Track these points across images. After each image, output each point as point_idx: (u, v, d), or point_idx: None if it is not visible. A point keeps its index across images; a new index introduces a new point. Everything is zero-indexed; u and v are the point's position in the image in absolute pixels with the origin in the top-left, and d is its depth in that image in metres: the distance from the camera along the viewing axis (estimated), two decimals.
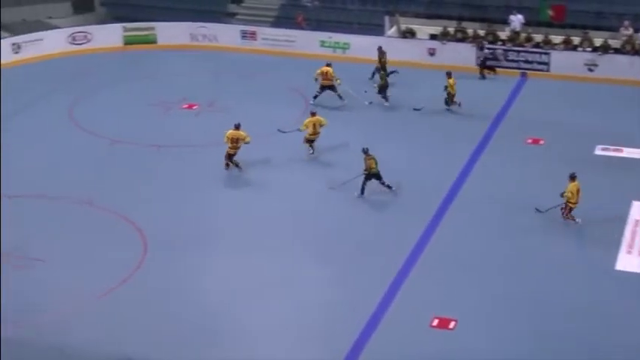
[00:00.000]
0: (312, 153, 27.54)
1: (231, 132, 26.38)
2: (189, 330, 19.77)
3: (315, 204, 25.02)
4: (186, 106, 31.66)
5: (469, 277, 21.56)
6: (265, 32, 37.31)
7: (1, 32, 38.72)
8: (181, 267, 22.14)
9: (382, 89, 31.48)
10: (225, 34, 37.38)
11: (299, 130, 27.48)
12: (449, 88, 30.73)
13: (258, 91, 33.12)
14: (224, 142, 26.36)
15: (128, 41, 37.37)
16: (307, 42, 36.40)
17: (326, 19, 38.19)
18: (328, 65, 31.36)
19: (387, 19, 36.97)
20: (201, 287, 21.36)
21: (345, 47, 36.31)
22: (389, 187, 25.19)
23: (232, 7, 39.94)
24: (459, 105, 30.72)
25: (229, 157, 26.49)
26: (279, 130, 28.13)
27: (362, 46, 35.74)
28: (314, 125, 27.26)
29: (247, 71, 34.87)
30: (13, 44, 35.72)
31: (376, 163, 24.98)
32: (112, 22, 39.08)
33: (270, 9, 39.33)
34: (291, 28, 37.28)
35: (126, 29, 37.52)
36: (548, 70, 34.33)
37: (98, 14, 41.51)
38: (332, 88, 31.12)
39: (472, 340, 19.33)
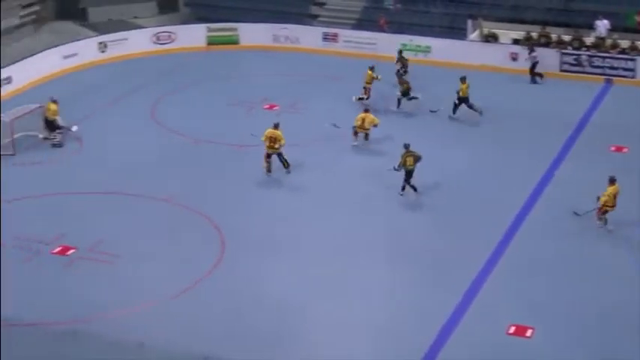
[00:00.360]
0: (356, 144, 28.15)
1: (269, 131, 26.34)
2: (265, 330, 19.84)
3: (388, 210, 24.88)
4: (267, 106, 31.86)
5: (546, 286, 21.25)
6: (347, 34, 37.34)
7: (88, 31, 39.54)
8: (258, 267, 22.24)
9: (405, 94, 31.16)
10: (307, 36, 37.52)
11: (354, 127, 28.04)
12: (460, 93, 30.27)
13: (339, 93, 33.08)
14: (262, 140, 26.33)
15: (211, 41, 37.76)
16: (388, 45, 36.28)
17: (408, 21, 38.07)
18: (371, 69, 31.36)
19: (469, 22, 36.70)
20: (278, 288, 21.40)
21: (426, 50, 36.14)
22: (414, 188, 25.05)
23: (314, 9, 40.09)
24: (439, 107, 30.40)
25: (268, 156, 26.40)
26: (333, 124, 28.56)
27: (443, 50, 35.54)
28: (363, 120, 27.91)
29: (328, 73, 34.93)
30: (100, 43, 36.37)
31: (415, 161, 24.86)
32: (196, 23, 39.57)
33: (352, 11, 39.37)
34: (372, 30, 37.24)
35: (209, 30, 37.93)
36: (633, 77, 33.68)
37: (182, 14, 42.08)
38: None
39: (550, 349, 19.04)
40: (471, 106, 30.26)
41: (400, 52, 33.99)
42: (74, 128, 28.92)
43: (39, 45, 36.87)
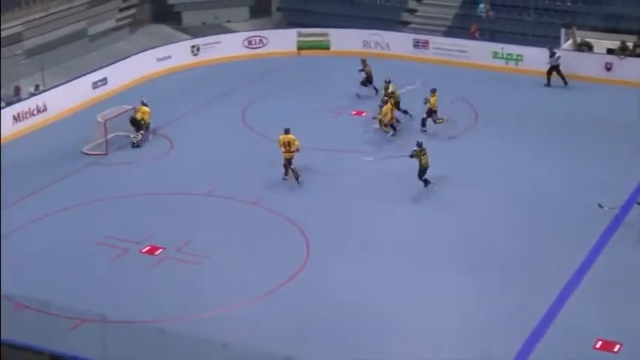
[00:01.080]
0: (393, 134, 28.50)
1: (282, 136, 26.52)
2: (346, 335, 19.89)
3: (472, 218, 24.70)
4: (355, 112, 31.88)
5: (636, 300, 20.79)
6: (437, 41, 37.13)
7: (182, 35, 40.19)
8: (342, 272, 22.29)
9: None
10: (398, 42, 37.43)
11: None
12: (428, 105, 29.73)
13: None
14: (278, 147, 26.54)
15: (302, 46, 37.97)
16: (479, 53, 36.00)
17: (500, 29, 37.69)
18: (387, 82, 30.90)
19: (563, 31, 36.13)
20: (362, 294, 21.42)
21: (517, 59, 35.69)
22: (426, 182, 25.85)
23: (406, 16, 39.98)
24: (411, 115, 30.18)
25: (288, 162, 26.54)
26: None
27: (536, 59, 35.01)
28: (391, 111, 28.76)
29: (418, 79, 34.69)
30: (193, 46, 36.90)
31: (427, 159, 25.71)
32: (287, 28, 39.84)
33: (443, 18, 39.15)
34: (463, 38, 36.99)
35: (300, 34, 38.13)
36: None
37: (274, 19, 42.43)
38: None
39: None
40: (434, 120, 29.74)
41: (364, 60, 33.44)
42: (150, 137, 29.45)
43: (134, 47, 37.64)
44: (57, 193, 26.29)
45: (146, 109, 29.34)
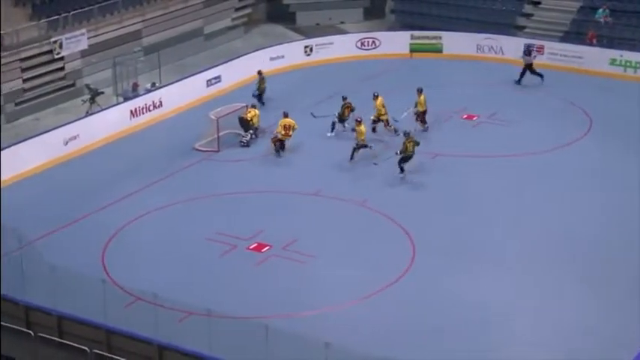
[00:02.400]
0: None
1: (284, 120, 28.51)
2: (452, 339, 19.79)
3: (593, 228, 24.24)
4: (465, 116, 31.64)
5: None
6: (553, 47, 36.49)
7: (295, 35, 40.56)
8: (447, 275, 22.17)
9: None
10: (512, 47, 36.90)
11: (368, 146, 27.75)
12: (418, 106, 29.02)
13: (541, 105, 32.53)
14: (277, 130, 28.50)
15: (414, 49, 37.85)
16: (596, 59, 35.26)
17: (618, 36, 36.82)
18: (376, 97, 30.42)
19: None
20: (466, 297, 21.28)
21: (636, 67, 34.80)
22: (402, 169, 26.74)
23: (521, 20, 39.45)
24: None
25: (280, 142, 28.17)
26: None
27: None
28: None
29: (531, 85, 34.27)
30: (306, 46, 37.20)
31: (414, 147, 26.60)
32: (400, 30, 39.78)
33: (560, 23, 38.46)
34: (580, 44, 36.25)
35: (413, 37, 38.02)
36: None
37: (387, 21, 42.41)
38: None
39: None
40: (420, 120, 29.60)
41: (260, 72, 32.79)
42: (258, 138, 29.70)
43: (248, 46, 38.16)
44: (169, 188, 26.87)
45: (256, 111, 29.71)
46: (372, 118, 29.82)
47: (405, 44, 37.92)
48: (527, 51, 34.26)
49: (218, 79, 34.03)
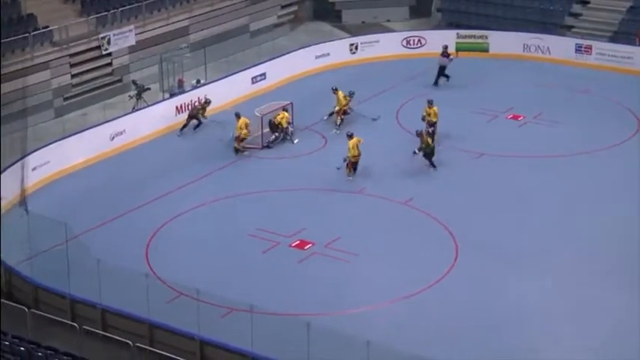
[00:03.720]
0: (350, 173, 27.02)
1: (243, 120, 28.35)
2: (493, 340, 19.70)
3: (633, 228, 23.96)
4: (511, 116, 31.42)
5: None
6: (602, 47, 36.10)
7: (341, 32, 40.54)
8: (490, 276, 22.06)
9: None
10: (559, 47, 36.61)
11: (345, 160, 26.93)
12: (427, 118, 28.64)
13: (588, 107, 32.23)
14: (239, 130, 28.20)
15: (460, 48, 37.61)
16: None
17: None
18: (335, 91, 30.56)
19: None
20: (508, 300, 21.16)
21: None
22: (432, 164, 27.12)
23: (569, 20, 39.08)
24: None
25: (241, 141, 28.14)
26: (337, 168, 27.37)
27: None
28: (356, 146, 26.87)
29: (578, 86, 33.96)
30: (351, 44, 37.16)
31: (433, 141, 27.30)
32: (447, 29, 39.59)
33: (609, 23, 38.03)
34: (630, 44, 35.82)
35: (459, 36, 37.80)
36: None
37: (433, 19, 42.23)
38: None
39: None
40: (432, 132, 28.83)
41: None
42: (295, 141, 29.50)
43: (293, 44, 38.22)
44: (212, 184, 27.02)
45: (286, 114, 29.58)
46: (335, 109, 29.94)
47: (451, 43, 37.64)
48: (445, 53, 33.88)
49: (263, 76, 34.12)
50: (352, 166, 26.99)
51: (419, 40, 37.70)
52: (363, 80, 34.75)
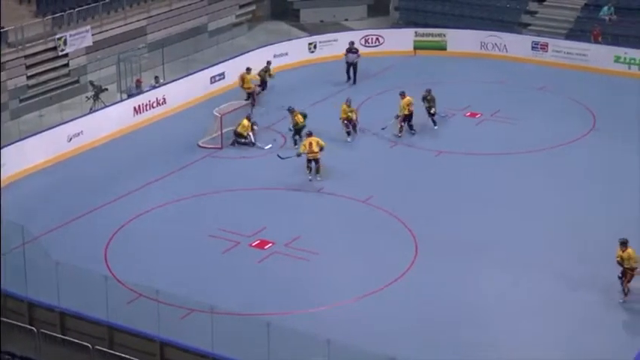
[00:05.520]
0: (311, 174, 26.91)
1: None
2: (453, 336, 19.82)
3: (589, 224, 24.23)
4: (469, 114, 31.63)
5: None
6: (557, 44, 36.46)
7: (299, 32, 40.57)
8: (450, 274, 22.19)
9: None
10: (516, 45, 36.92)
11: (298, 155, 26.93)
12: (403, 110, 29.00)
13: (545, 104, 32.52)
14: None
15: (418, 46, 37.83)
16: (600, 57, 35.24)
17: (623, 34, 36.79)
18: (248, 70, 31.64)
19: None
20: (468, 296, 21.31)
21: None
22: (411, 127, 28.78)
23: (526, 18, 39.41)
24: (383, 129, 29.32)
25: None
26: (278, 155, 27.72)
27: None
28: (311, 144, 26.66)
29: (535, 83, 34.28)
30: (310, 44, 37.19)
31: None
32: (404, 27, 39.76)
33: (565, 21, 38.43)
34: (584, 41, 36.21)
35: (417, 34, 37.99)
36: None
37: (391, 18, 42.39)
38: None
39: None
40: (401, 122, 29.34)
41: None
42: (267, 147, 29.29)
43: (252, 43, 38.18)
44: (172, 184, 26.92)
45: (245, 122, 29.40)
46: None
47: (409, 41, 37.89)
48: (353, 49, 34.19)
49: (222, 75, 34.04)
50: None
51: (377, 39, 37.83)
52: (322, 79, 34.79)
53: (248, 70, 32.32)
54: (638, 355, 19.07)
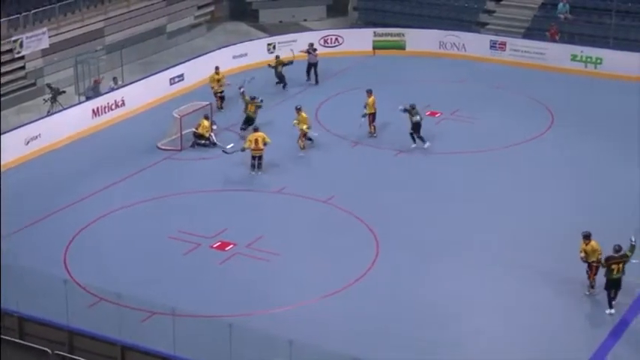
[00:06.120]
0: (254, 170, 27.19)
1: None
2: (416, 335, 19.86)
3: (548, 221, 24.41)
4: (428, 113, 31.73)
5: None
6: (515, 43, 36.71)
7: (259, 32, 40.48)
8: (411, 272, 22.27)
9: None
10: (474, 44, 37.13)
11: (242, 150, 27.28)
12: (368, 108, 29.17)
13: (504, 102, 32.74)
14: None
15: (377, 46, 37.92)
16: (558, 55, 35.54)
17: (579, 32, 37.17)
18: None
19: None
20: (429, 294, 21.39)
21: (597, 62, 35.10)
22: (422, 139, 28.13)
23: (484, 17, 39.66)
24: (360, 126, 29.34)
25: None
26: (223, 150, 28.13)
27: (616, 62, 34.45)
28: (256, 141, 26.94)
29: (493, 82, 34.51)
30: (269, 44, 37.10)
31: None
32: (363, 27, 39.85)
33: (522, 20, 38.73)
34: (542, 40, 36.52)
35: (376, 34, 38.08)
36: None
37: (350, 18, 42.47)
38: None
39: None
40: (372, 122, 29.52)
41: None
42: (229, 146, 29.08)
43: (211, 44, 38.05)
44: (132, 187, 26.73)
45: (205, 123, 29.30)
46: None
47: (368, 41, 37.97)
48: (312, 49, 34.34)
49: (181, 77, 33.87)
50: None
51: (336, 39, 37.87)
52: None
53: (217, 69, 32.05)
54: (600, 347, 19.25)
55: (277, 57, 34.26)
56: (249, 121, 29.51)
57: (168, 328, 18.46)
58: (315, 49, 34.54)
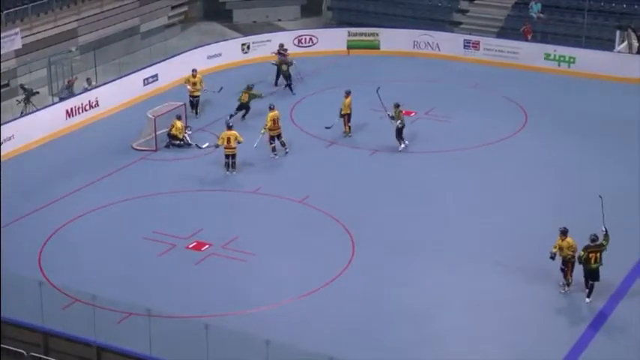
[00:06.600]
0: (229, 170, 27.22)
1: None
2: (392, 335, 19.91)
3: (524, 221, 24.53)
4: (403, 112, 31.73)
5: None
6: (489, 43, 36.88)
7: (233, 32, 40.42)
8: (387, 272, 22.31)
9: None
10: (448, 43, 37.27)
11: (216, 146, 27.56)
12: (343, 109, 29.33)
13: (478, 101, 32.88)
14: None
15: (351, 46, 37.97)
16: (531, 54, 35.75)
17: (552, 31, 37.41)
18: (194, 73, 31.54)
19: (617, 33, 35.67)
20: (406, 294, 21.43)
21: (570, 61, 35.33)
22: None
23: (457, 17, 39.83)
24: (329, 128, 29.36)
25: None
26: (196, 145, 28.63)
27: (588, 61, 34.70)
28: (229, 139, 27.01)
29: (467, 81, 34.65)
30: (243, 44, 37.08)
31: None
32: (337, 27, 39.89)
33: (495, 19, 38.93)
34: (515, 39, 36.71)
35: (350, 34, 38.13)
36: None
37: (324, 18, 42.51)
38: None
39: None
40: (347, 122, 29.57)
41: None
42: (204, 145, 29.15)
43: (185, 44, 37.94)
44: (106, 188, 26.62)
45: (178, 123, 29.19)
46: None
47: (343, 41, 38.01)
48: (283, 50, 34.32)
49: (155, 77, 33.76)
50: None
51: (310, 39, 37.89)
52: (256, 80, 34.63)
53: (194, 72, 31.89)
54: (578, 341, 19.38)
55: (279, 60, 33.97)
56: (241, 108, 29.82)
57: (144, 329, 18.41)
58: (285, 50, 34.45)
